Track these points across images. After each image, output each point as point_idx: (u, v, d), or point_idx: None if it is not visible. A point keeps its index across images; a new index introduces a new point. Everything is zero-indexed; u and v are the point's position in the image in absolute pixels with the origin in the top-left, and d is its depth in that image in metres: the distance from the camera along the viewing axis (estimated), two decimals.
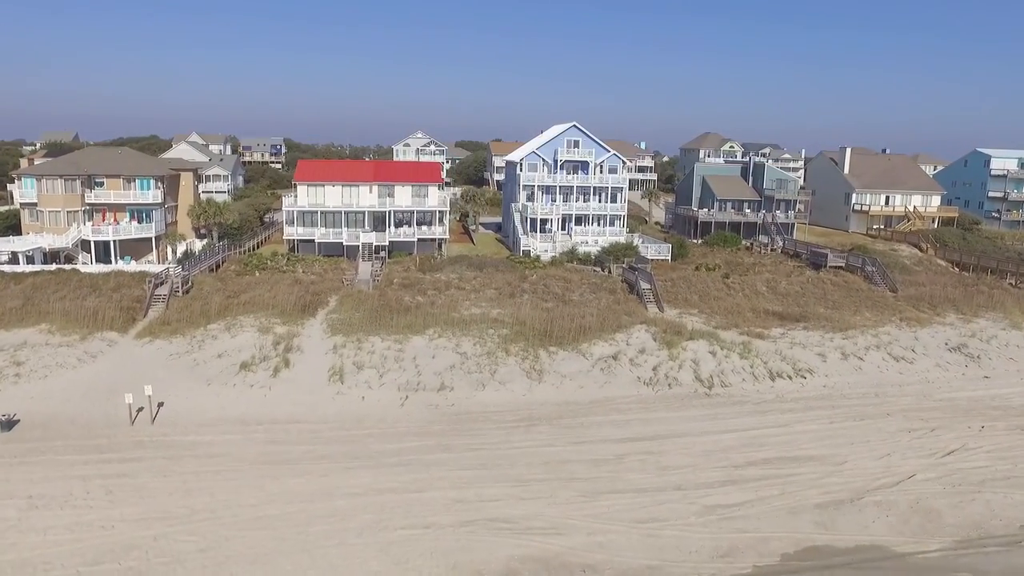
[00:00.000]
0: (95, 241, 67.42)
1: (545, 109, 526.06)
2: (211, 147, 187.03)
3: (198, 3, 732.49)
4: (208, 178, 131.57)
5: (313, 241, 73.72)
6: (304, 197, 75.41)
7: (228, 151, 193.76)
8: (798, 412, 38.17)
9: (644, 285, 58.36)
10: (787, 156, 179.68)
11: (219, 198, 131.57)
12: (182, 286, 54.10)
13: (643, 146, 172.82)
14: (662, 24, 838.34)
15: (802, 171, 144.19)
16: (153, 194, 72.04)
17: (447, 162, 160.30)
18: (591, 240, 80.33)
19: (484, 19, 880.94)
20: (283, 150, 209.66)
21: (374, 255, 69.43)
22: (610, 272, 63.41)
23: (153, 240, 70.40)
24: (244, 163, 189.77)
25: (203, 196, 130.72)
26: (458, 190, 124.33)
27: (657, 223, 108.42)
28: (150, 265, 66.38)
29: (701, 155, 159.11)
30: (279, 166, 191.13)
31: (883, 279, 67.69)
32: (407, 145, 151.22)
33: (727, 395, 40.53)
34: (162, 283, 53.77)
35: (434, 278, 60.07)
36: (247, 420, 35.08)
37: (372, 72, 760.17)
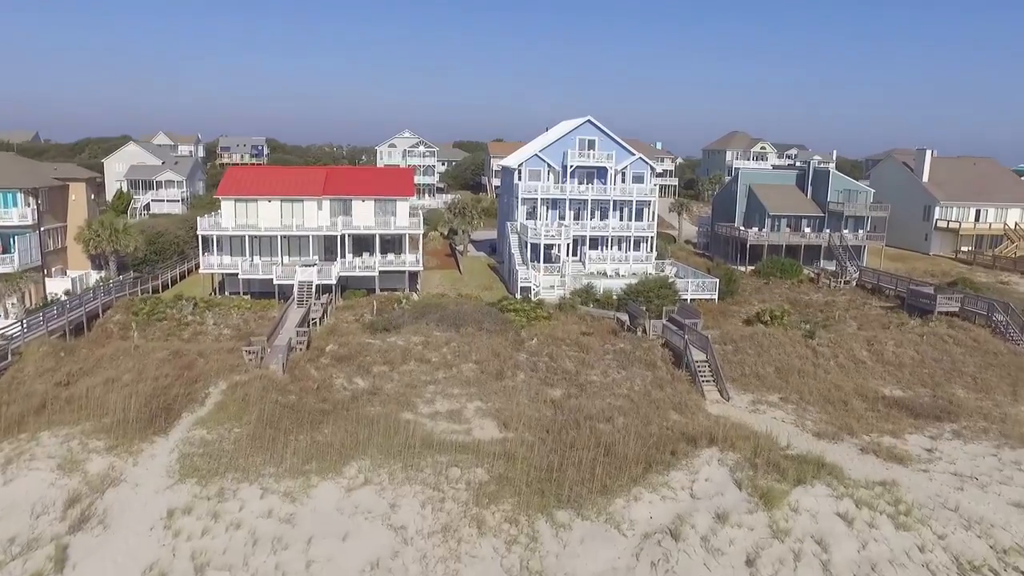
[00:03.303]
0: None
1: (548, 109, 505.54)
2: (180, 148, 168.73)
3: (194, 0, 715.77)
4: (159, 184, 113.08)
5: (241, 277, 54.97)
6: (230, 217, 56.52)
7: (201, 152, 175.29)
8: None
9: (698, 356, 39.16)
10: (817, 158, 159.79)
11: (171, 208, 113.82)
12: None
13: (659, 146, 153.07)
14: (666, 23, 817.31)
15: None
16: (20, 213, 53.42)
17: (441, 164, 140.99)
18: (610, 270, 61.35)
19: (483, 17, 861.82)
20: (265, 151, 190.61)
21: (315, 298, 50.38)
22: (645, 331, 44.08)
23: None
24: (220, 165, 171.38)
25: (153, 206, 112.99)
26: (450, 197, 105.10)
27: (687, 241, 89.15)
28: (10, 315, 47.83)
29: (728, 157, 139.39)
30: None
31: (1022, 333, 48.40)
32: (392, 146, 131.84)
33: None
34: None
35: (387, 344, 40.90)
36: None
37: (374, 71, 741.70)
